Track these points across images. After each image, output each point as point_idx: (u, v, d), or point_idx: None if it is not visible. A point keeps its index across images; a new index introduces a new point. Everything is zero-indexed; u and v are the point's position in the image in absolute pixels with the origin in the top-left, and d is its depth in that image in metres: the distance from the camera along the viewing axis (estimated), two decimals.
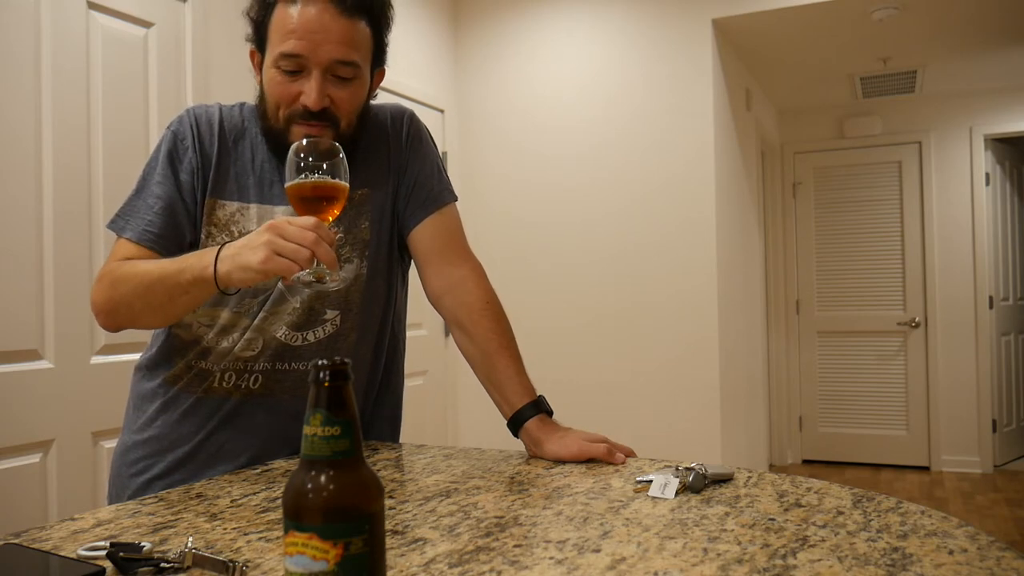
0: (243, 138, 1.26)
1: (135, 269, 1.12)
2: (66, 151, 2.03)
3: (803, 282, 5.51)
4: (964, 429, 5.14)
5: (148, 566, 0.72)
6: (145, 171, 1.23)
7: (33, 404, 1.93)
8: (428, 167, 1.34)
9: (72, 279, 2.03)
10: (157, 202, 1.19)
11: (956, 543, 0.75)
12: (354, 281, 1.26)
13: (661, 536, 0.80)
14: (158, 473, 1.22)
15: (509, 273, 3.74)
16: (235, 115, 1.27)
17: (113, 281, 1.14)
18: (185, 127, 1.24)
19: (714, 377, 3.44)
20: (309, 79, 1.15)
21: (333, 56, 1.14)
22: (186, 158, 1.22)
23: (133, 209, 1.20)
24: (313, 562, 0.53)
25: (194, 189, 1.22)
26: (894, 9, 3.48)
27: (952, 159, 5.17)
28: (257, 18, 1.20)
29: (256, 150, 1.25)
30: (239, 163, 1.24)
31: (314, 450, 0.56)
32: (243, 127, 1.26)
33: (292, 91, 1.16)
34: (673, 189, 3.50)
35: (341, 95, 1.18)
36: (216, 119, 1.25)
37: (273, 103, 1.18)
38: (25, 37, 1.94)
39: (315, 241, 0.98)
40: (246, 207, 1.23)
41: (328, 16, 1.14)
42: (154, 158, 1.24)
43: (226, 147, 1.24)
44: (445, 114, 3.75)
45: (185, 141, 1.23)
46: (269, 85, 1.19)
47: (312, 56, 1.14)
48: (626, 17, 3.59)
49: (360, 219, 1.27)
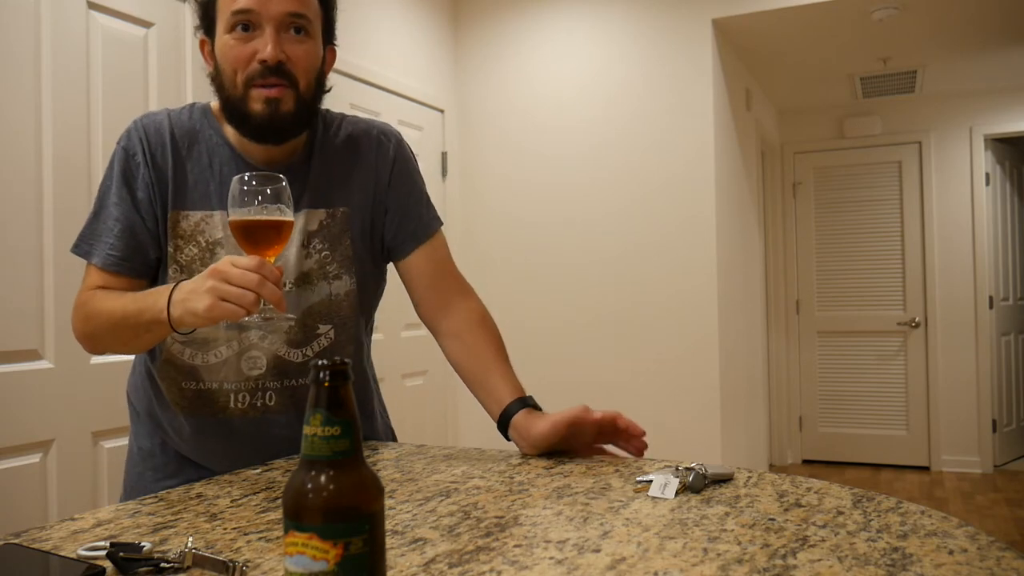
0: (197, 142, 1.23)
1: (102, 306, 1.14)
2: (66, 151, 2.03)
3: (803, 282, 5.51)
4: (964, 429, 5.14)
5: (148, 566, 0.72)
6: (101, 190, 1.22)
7: (33, 404, 1.93)
8: (415, 195, 1.33)
9: (72, 279, 2.03)
10: (116, 224, 1.19)
11: (956, 543, 0.75)
12: (346, 296, 1.27)
13: (661, 536, 0.80)
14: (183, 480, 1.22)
15: (509, 273, 3.74)
16: (184, 119, 1.24)
17: (85, 315, 1.17)
18: (135, 142, 1.21)
19: (714, 377, 3.44)
20: (263, 35, 1.14)
21: (285, 9, 1.14)
22: (139, 175, 1.20)
23: (94, 233, 1.20)
24: (313, 562, 0.53)
25: (152, 205, 1.20)
26: (894, 9, 3.48)
27: (952, 159, 5.17)
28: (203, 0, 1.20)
29: (213, 152, 1.23)
30: (196, 169, 1.22)
31: (314, 450, 0.56)
32: (196, 130, 1.24)
33: (247, 51, 1.15)
34: (673, 189, 3.50)
35: (296, 51, 1.16)
36: (166, 128, 1.22)
37: (230, 69, 1.16)
38: (25, 37, 1.94)
39: (259, 283, 0.97)
40: (209, 215, 1.21)
41: None
42: (108, 176, 1.22)
43: (180, 156, 1.22)
44: (445, 114, 3.75)
45: (136, 157, 1.20)
46: (223, 53, 1.16)
47: (263, 11, 1.13)
48: (626, 17, 3.59)
49: (343, 237, 1.26)
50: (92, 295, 1.17)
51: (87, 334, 1.18)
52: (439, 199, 3.63)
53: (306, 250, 1.23)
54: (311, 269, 1.24)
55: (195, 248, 1.20)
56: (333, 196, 1.26)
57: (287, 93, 1.16)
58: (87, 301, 1.17)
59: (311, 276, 1.24)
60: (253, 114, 1.16)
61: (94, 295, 1.17)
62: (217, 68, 1.19)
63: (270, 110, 1.15)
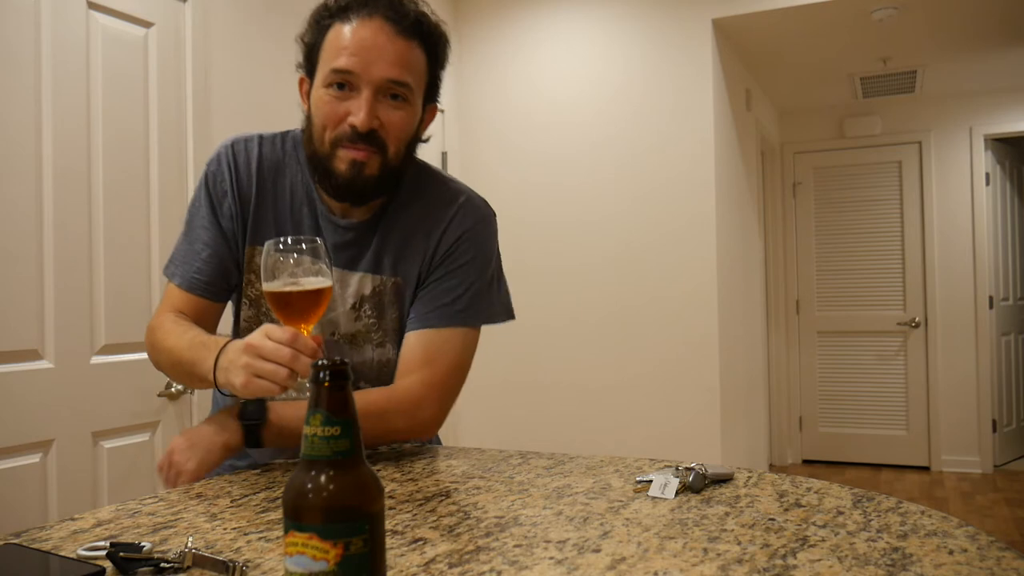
0: (283, 176, 1.22)
1: (166, 342, 1.15)
2: (66, 151, 2.03)
3: (803, 282, 5.51)
4: (964, 429, 5.14)
5: (148, 566, 0.72)
6: (191, 211, 1.23)
7: (33, 404, 1.93)
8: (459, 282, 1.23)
9: (72, 279, 2.03)
10: (205, 249, 1.20)
11: (956, 543, 0.75)
12: (387, 364, 1.26)
13: (661, 536, 0.80)
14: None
15: (508, 273, 3.73)
16: (276, 149, 1.23)
17: (153, 343, 1.19)
18: (223, 168, 1.21)
19: (714, 377, 3.44)
20: (359, 98, 1.11)
21: (385, 75, 1.11)
22: (225, 204, 1.20)
23: (183, 256, 1.21)
24: (313, 562, 0.53)
25: (235, 235, 1.21)
26: (894, 9, 3.48)
27: (952, 159, 5.17)
28: (310, 41, 1.17)
29: (295, 190, 1.22)
30: (278, 206, 1.21)
31: (314, 450, 0.56)
32: (284, 162, 1.22)
33: (340, 111, 1.12)
34: (673, 189, 3.50)
35: (391, 118, 1.14)
36: (255, 156, 1.22)
37: (320, 124, 1.15)
38: (25, 37, 1.94)
39: (292, 358, 0.96)
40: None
41: (384, 36, 1.12)
42: (197, 199, 1.23)
43: (264, 189, 1.21)
44: (445, 114, 3.75)
45: (223, 184, 1.20)
46: (317, 106, 1.15)
47: (364, 74, 1.11)
48: (626, 17, 3.59)
49: (391, 307, 1.24)
50: (161, 324, 1.18)
51: (154, 360, 1.21)
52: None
53: (356, 312, 1.23)
54: (358, 331, 1.24)
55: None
56: (391, 265, 1.23)
57: (373, 158, 1.14)
58: (157, 328, 1.19)
59: (358, 338, 1.24)
60: (336, 173, 1.14)
61: (163, 324, 1.18)
62: (309, 116, 1.18)
63: (353, 172, 1.13)
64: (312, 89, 1.17)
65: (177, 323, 1.17)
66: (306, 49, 1.19)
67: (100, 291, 2.10)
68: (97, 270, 2.10)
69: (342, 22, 1.14)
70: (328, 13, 1.16)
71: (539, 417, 3.64)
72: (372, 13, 1.13)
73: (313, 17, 1.18)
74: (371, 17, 1.13)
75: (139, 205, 2.22)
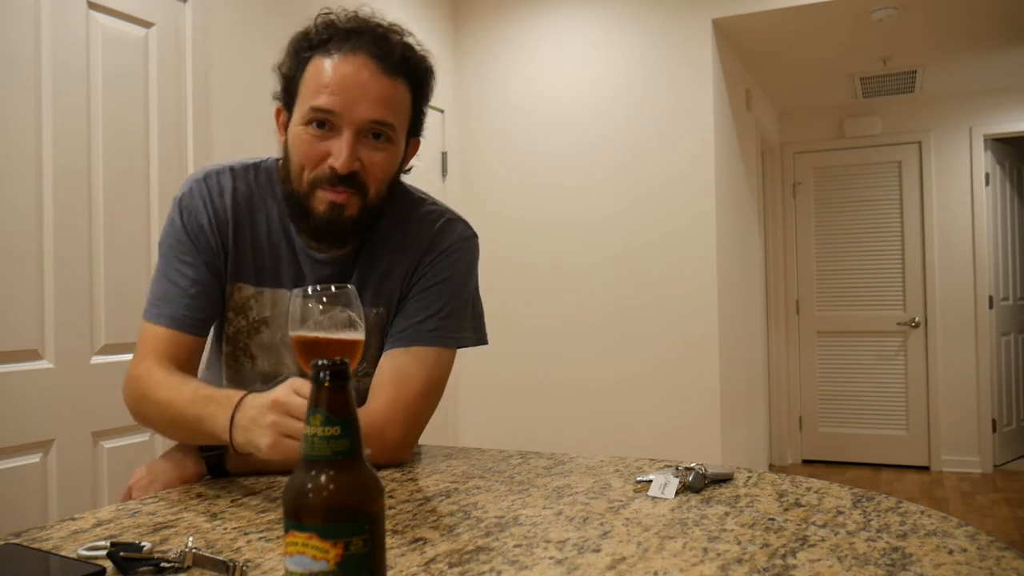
0: (258, 210, 1.17)
1: (158, 395, 1.06)
2: (66, 151, 2.03)
3: (803, 282, 5.51)
4: (964, 429, 5.14)
5: (148, 566, 0.72)
6: (167, 249, 1.16)
7: (33, 404, 1.93)
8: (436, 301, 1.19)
9: (72, 279, 2.03)
10: (193, 286, 1.13)
11: (956, 543, 0.75)
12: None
13: (661, 536, 0.80)
14: None
15: (508, 273, 3.74)
16: (250, 182, 1.18)
17: (139, 397, 1.10)
18: (198, 204, 1.15)
19: (714, 377, 3.44)
20: (340, 139, 1.06)
21: (368, 116, 1.07)
22: (203, 239, 1.14)
23: (166, 295, 1.13)
24: (313, 562, 0.53)
25: (219, 271, 1.16)
26: (894, 9, 3.48)
27: (952, 159, 5.17)
28: (289, 72, 1.12)
29: (272, 224, 1.17)
30: (255, 241, 1.17)
31: (314, 450, 0.56)
32: (258, 195, 1.17)
33: (320, 151, 1.08)
34: (673, 189, 3.50)
35: (373, 159, 1.09)
36: (229, 190, 1.16)
37: (298, 164, 1.10)
38: (25, 37, 1.94)
39: None
40: (260, 292, 1.17)
41: (367, 73, 1.07)
42: (171, 235, 1.16)
43: (241, 224, 1.16)
44: (445, 114, 3.75)
45: (199, 219, 1.14)
46: (295, 144, 1.10)
47: (345, 114, 1.06)
48: (626, 17, 3.59)
49: (374, 339, 1.19)
50: (149, 375, 1.09)
51: (140, 414, 1.12)
52: (438, 199, 3.63)
53: None
54: None
55: (243, 321, 1.18)
56: (372, 296, 1.19)
57: (353, 200, 1.09)
58: (144, 379, 1.09)
59: None
60: (314, 214, 1.10)
61: (150, 375, 1.09)
62: (287, 152, 1.13)
63: (332, 215, 1.09)
64: (290, 123, 1.12)
65: (170, 374, 1.08)
66: (284, 80, 1.13)
67: (100, 291, 2.10)
68: (97, 270, 2.10)
69: (323, 55, 1.08)
70: (309, 44, 1.10)
71: (539, 417, 3.64)
72: (355, 48, 1.07)
73: (292, 46, 1.12)
74: (354, 53, 1.07)
75: (139, 205, 2.22)
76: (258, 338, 1.19)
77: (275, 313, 1.18)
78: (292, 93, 1.12)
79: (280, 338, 1.19)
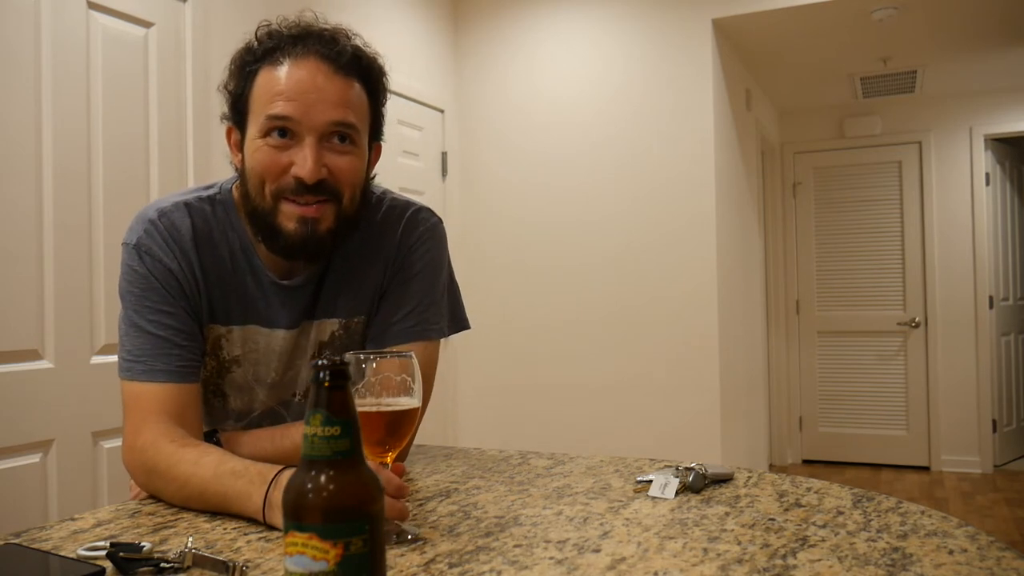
0: (218, 246, 1.10)
1: (173, 472, 0.96)
2: (66, 151, 2.03)
3: (803, 282, 5.51)
4: (964, 429, 5.14)
5: (148, 566, 0.72)
6: (134, 303, 1.06)
7: (33, 404, 1.93)
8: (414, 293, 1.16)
9: (72, 279, 2.03)
10: (177, 335, 1.05)
11: (956, 543, 0.75)
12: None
13: (661, 536, 0.80)
14: None
15: (508, 273, 3.74)
16: (207, 216, 1.11)
17: (149, 472, 1.00)
18: (157, 246, 1.07)
19: (714, 377, 3.44)
20: (302, 147, 1.01)
21: (329, 118, 1.01)
22: (174, 285, 1.07)
23: (152, 349, 1.04)
24: (313, 562, 0.53)
25: (196, 315, 1.09)
26: (894, 9, 3.48)
27: (952, 159, 5.17)
28: (236, 89, 1.07)
29: (235, 258, 1.11)
30: (220, 279, 1.10)
31: (314, 450, 0.56)
32: (216, 229, 1.11)
33: (281, 162, 1.02)
34: (673, 189, 3.50)
35: (339, 164, 1.03)
36: (187, 231, 1.08)
37: (257, 178, 1.03)
38: (25, 37, 1.94)
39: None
40: (229, 330, 1.12)
41: (321, 76, 1.02)
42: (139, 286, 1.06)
43: (205, 265, 1.09)
44: (445, 114, 3.75)
45: (166, 263, 1.07)
46: (254, 158, 1.03)
47: (305, 120, 1.00)
48: (626, 17, 3.59)
49: (353, 347, 1.16)
50: (156, 448, 0.99)
51: (150, 487, 1.01)
52: (439, 199, 3.63)
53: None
54: None
55: (214, 362, 1.13)
56: (348, 305, 1.16)
57: (326, 210, 1.04)
58: (148, 453, 1.00)
59: None
60: (285, 232, 1.04)
61: (159, 449, 0.99)
62: (243, 171, 1.07)
63: (306, 231, 1.03)
64: (245, 140, 1.06)
65: (181, 444, 0.99)
66: (232, 98, 1.08)
67: (100, 291, 2.10)
68: (97, 270, 2.10)
69: (272, 65, 1.03)
70: (253, 57, 1.06)
71: (539, 417, 3.64)
72: (305, 52, 1.03)
73: (235, 63, 1.08)
74: (305, 57, 1.02)
75: (139, 205, 2.19)
76: (230, 377, 1.15)
77: (246, 351, 1.13)
78: (243, 110, 1.06)
79: (252, 376, 1.15)
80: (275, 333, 1.13)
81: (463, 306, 1.27)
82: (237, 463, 0.93)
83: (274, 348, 1.14)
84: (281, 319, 1.13)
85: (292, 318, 1.14)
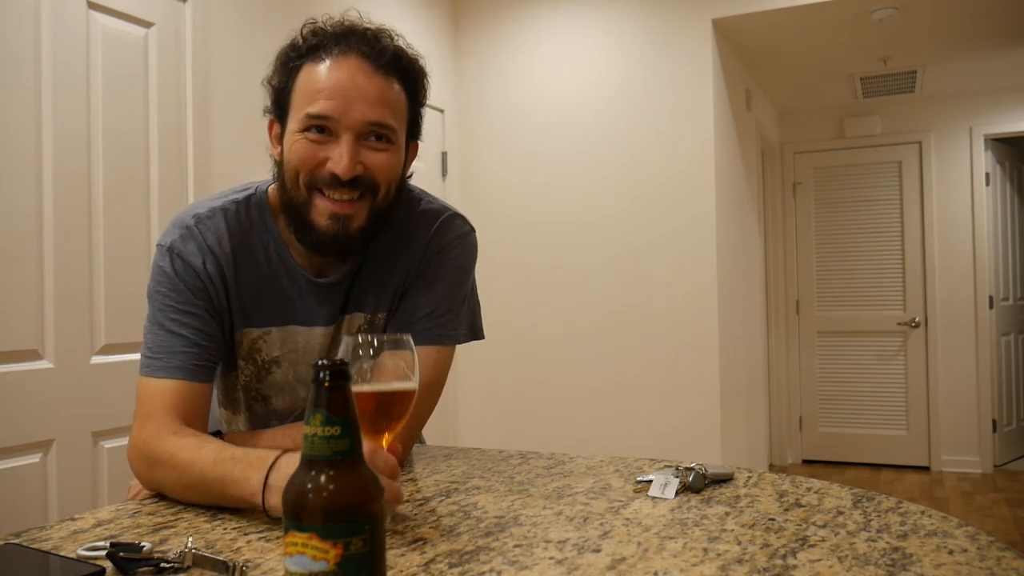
0: (254, 249, 1.13)
1: (175, 459, 0.97)
2: (66, 151, 2.03)
3: (803, 282, 5.51)
4: (964, 429, 5.14)
5: (148, 566, 0.72)
6: (160, 302, 1.09)
7: (33, 404, 1.93)
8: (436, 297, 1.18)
9: (72, 279, 2.03)
10: (198, 335, 1.07)
11: (956, 543, 0.75)
12: None
13: (661, 536, 0.80)
14: None
15: (508, 273, 3.74)
16: (242, 219, 1.13)
17: (151, 463, 1.01)
18: (192, 253, 1.09)
19: (714, 377, 3.44)
20: (339, 144, 1.03)
21: (366, 118, 1.03)
22: (202, 290, 1.09)
23: (169, 346, 1.06)
24: (313, 562, 0.53)
25: (221, 319, 1.11)
26: (894, 9, 3.48)
27: (952, 159, 5.17)
28: (280, 84, 1.09)
29: (271, 259, 1.13)
30: (256, 282, 1.13)
31: (314, 450, 0.56)
32: (252, 232, 1.13)
33: (318, 156, 1.04)
34: (673, 189, 3.50)
35: (375, 160, 1.05)
36: (225, 237, 1.11)
37: (293, 169, 1.06)
38: (25, 37, 1.94)
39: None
40: (266, 332, 1.14)
41: (362, 75, 1.04)
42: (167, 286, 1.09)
43: (241, 270, 1.12)
44: (445, 114, 3.75)
45: (197, 268, 1.09)
46: (291, 151, 1.06)
47: (343, 118, 1.03)
48: (626, 17, 3.59)
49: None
50: (159, 438, 1.01)
51: (151, 480, 1.02)
52: None
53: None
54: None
55: (250, 366, 1.15)
56: (375, 301, 1.18)
57: (360, 207, 1.06)
58: (151, 443, 1.01)
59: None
60: (317, 227, 1.06)
61: (162, 438, 1.00)
62: (282, 159, 1.09)
63: (337, 227, 1.05)
64: (285, 133, 1.08)
65: (184, 435, 1.00)
66: (275, 93, 1.10)
67: (100, 291, 2.10)
68: (97, 270, 2.10)
69: (314, 62, 1.05)
70: (297, 53, 1.07)
71: (539, 417, 3.64)
72: (346, 51, 1.05)
73: (280, 58, 1.10)
74: (346, 56, 1.04)
75: (139, 205, 2.23)
76: (270, 379, 1.16)
77: (285, 351, 1.15)
78: (285, 105, 1.09)
79: (293, 376, 1.17)
80: (314, 331, 1.15)
81: (481, 317, 1.28)
82: (237, 450, 0.93)
83: (314, 346, 1.16)
84: (319, 317, 1.15)
85: (330, 315, 1.16)
